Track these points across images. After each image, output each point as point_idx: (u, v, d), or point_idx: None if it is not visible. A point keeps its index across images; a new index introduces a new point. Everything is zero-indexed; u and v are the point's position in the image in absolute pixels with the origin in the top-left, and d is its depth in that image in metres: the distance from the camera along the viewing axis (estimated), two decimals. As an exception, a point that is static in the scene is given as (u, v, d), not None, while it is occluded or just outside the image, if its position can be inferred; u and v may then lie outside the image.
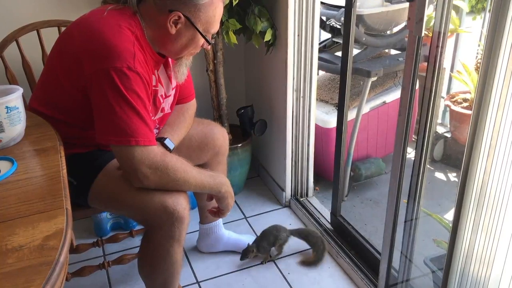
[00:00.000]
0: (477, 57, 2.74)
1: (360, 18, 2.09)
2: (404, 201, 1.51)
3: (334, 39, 2.42)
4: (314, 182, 2.29)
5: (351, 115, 2.20)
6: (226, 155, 1.76)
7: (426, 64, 1.31)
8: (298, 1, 1.89)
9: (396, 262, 1.61)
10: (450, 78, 2.98)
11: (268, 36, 1.96)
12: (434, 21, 1.25)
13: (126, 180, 1.31)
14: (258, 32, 1.95)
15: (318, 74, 2.41)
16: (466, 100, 2.54)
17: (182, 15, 1.26)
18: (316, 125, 2.18)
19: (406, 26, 2.25)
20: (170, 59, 1.44)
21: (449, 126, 2.70)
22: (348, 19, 1.69)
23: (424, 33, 1.26)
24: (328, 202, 2.13)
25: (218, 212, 1.53)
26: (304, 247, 1.98)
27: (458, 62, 2.91)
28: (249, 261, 1.90)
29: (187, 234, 2.00)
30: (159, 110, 1.45)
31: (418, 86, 1.58)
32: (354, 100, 2.28)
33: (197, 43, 1.34)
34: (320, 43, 2.43)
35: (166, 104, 1.48)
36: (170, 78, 1.46)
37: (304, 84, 2.05)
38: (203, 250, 1.99)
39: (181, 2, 1.25)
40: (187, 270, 1.89)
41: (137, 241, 1.47)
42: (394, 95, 2.39)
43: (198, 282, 1.84)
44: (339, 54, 2.15)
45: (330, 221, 2.06)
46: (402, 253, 1.58)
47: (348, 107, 1.84)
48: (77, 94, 1.28)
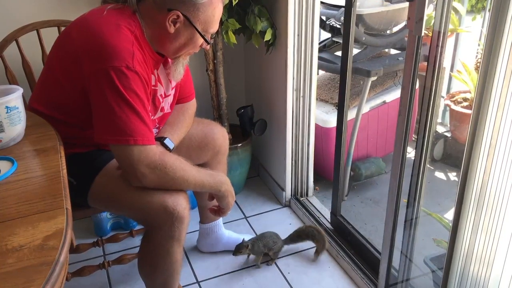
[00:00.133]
0: (477, 56, 2.74)
1: (360, 17, 2.09)
2: (404, 200, 1.51)
3: (334, 39, 2.42)
4: (314, 181, 2.29)
5: (351, 115, 2.20)
6: (226, 155, 1.76)
7: (426, 63, 1.31)
8: (298, 0, 1.89)
9: (396, 261, 1.61)
10: (450, 78, 2.98)
11: (268, 35, 1.96)
12: (434, 20, 1.25)
13: (126, 180, 1.31)
14: (258, 31, 1.95)
15: (318, 74, 2.41)
16: (466, 99, 2.54)
17: (181, 14, 1.26)
18: (316, 124, 2.18)
19: (406, 25, 2.25)
20: (170, 59, 1.44)
21: (449, 125, 2.70)
22: (348, 19, 1.69)
23: (424, 32, 1.26)
24: (328, 202, 2.13)
25: (219, 211, 1.53)
26: (303, 247, 1.98)
27: (458, 62, 2.91)
28: (244, 260, 1.90)
29: (187, 233, 2.00)
30: (159, 110, 1.45)
31: (418, 86, 1.58)
32: (354, 99, 2.28)
33: (195, 43, 1.34)
34: (320, 43, 2.43)
35: (166, 103, 1.48)
36: (169, 78, 1.46)
37: (304, 83, 2.04)
38: (203, 250, 1.99)
39: (180, 1, 1.25)
40: (187, 269, 1.90)
41: (137, 241, 1.47)
42: (394, 95, 2.39)
43: (198, 282, 1.84)
44: (339, 53, 2.15)
45: (330, 220, 2.06)
46: (402, 252, 1.58)
47: (348, 107, 1.84)
48: (76, 94, 1.28)
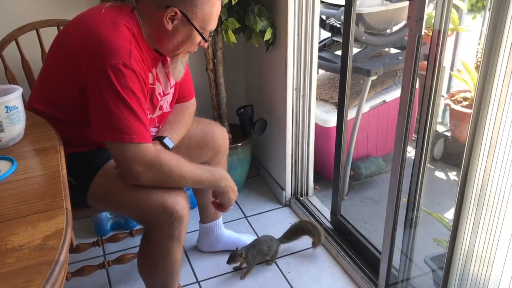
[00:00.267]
0: (477, 55, 2.73)
1: (360, 17, 2.09)
2: (404, 200, 1.51)
3: (334, 38, 2.42)
4: (314, 181, 2.29)
5: (351, 114, 2.20)
6: (226, 155, 1.76)
7: (426, 63, 1.30)
8: (298, 0, 1.89)
9: (396, 261, 1.61)
10: (450, 77, 2.98)
11: (267, 35, 1.96)
12: (434, 19, 1.25)
13: (125, 179, 1.31)
14: (257, 31, 1.95)
15: (318, 73, 2.41)
16: (466, 99, 2.54)
17: (178, 11, 1.26)
18: (316, 124, 2.18)
19: (406, 25, 2.25)
20: (168, 57, 1.44)
21: (449, 125, 2.70)
22: (348, 18, 1.69)
23: (424, 32, 1.26)
24: (328, 201, 2.13)
25: (221, 205, 1.52)
26: (303, 247, 1.98)
27: (458, 61, 2.91)
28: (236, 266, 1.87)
29: (187, 233, 2.00)
30: (157, 108, 1.45)
31: (418, 85, 1.57)
32: (354, 99, 2.28)
33: (193, 40, 1.34)
34: (320, 42, 2.43)
35: (165, 102, 1.48)
36: (168, 76, 1.46)
37: (304, 83, 2.04)
38: (203, 250, 1.99)
39: None
40: (187, 269, 1.89)
41: (137, 240, 1.47)
42: (394, 94, 2.39)
43: (198, 281, 1.84)
44: (339, 53, 2.16)
45: (330, 220, 2.06)
46: (402, 252, 1.58)
47: (348, 106, 1.84)
48: (75, 92, 1.28)
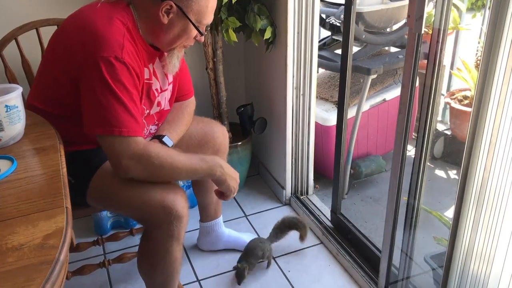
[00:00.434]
0: (477, 54, 2.73)
1: (359, 15, 2.09)
2: (404, 198, 1.51)
3: (333, 37, 2.42)
4: (314, 180, 2.29)
5: (351, 113, 2.20)
6: (226, 154, 1.76)
7: (426, 61, 1.30)
8: (298, -2, 1.89)
9: (396, 259, 1.61)
10: (450, 76, 2.98)
11: (267, 34, 1.96)
12: (434, 18, 1.25)
13: (123, 178, 1.31)
14: (257, 30, 1.95)
15: (318, 72, 2.41)
16: (466, 97, 2.54)
17: (174, 4, 1.27)
18: (316, 123, 2.18)
19: (406, 23, 2.25)
20: (164, 52, 1.44)
21: (449, 123, 2.70)
22: (347, 17, 1.69)
23: (424, 30, 1.26)
24: (328, 200, 2.13)
25: (223, 194, 1.49)
26: (302, 246, 1.99)
27: (458, 60, 2.91)
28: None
29: (188, 232, 2.01)
30: (155, 104, 1.44)
31: (418, 84, 1.57)
32: (354, 98, 2.28)
33: (189, 34, 1.34)
34: (320, 41, 2.43)
35: (162, 98, 1.48)
36: (166, 73, 1.47)
37: (304, 82, 2.04)
38: (204, 248, 1.99)
39: None
40: (188, 268, 1.90)
41: (137, 239, 1.47)
42: (394, 93, 2.39)
43: (198, 280, 1.85)
44: (339, 51, 2.15)
45: (330, 219, 2.06)
46: (402, 250, 1.58)
47: (348, 105, 1.84)
48: (68, 85, 1.28)
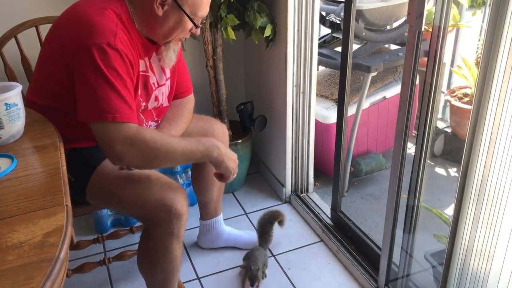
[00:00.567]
0: (477, 51, 2.73)
1: (360, 13, 2.08)
2: (404, 196, 1.51)
3: (334, 34, 2.42)
4: (314, 177, 2.29)
5: (351, 111, 2.20)
6: (226, 151, 1.76)
7: (426, 59, 1.30)
8: (298, -4, 1.89)
9: (396, 257, 1.61)
10: (451, 73, 2.97)
11: (267, 31, 1.96)
12: (434, 16, 1.25)
13: (123, 177, 1.30)
14: (257, 27, 1.95)
15: (318, 70, 2.41)
16: (466, 95, 2.53)
17: None
18: (316, 120, 2.18)
19: (406, 21, 2.25)
20: (160, 44, 1.43)
21: (449, 121, 2.70)
22: (348, 14, 1.68)
23: (424, 28, 1.26)
24: (328, 198, 2.14)
25: (222, 176, 1.46)
26: (302, 244, 1.99)
27: (458, 57, 2.90)
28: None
29: (188, 230, 2.01)
30: (152, 98, 1.44)
31: (418, 81, 1.57)
32: (354, 95, 2.28)
33: (184, 26, 1.34)
34: (320, 38, 2.42)
35: (160, 93, 1.48)
36: (163, 68, 1.46)
37: (304, 79, 2.04)
38: (204, 246, 1.99)
39: None
40: (188, 266, 1.90)
41: (137, 237, 1.47)
42: (394, 90, 2.39)
43: (198, 278, 1.85)
44: (339, 49, 2.15)
45: (330, 216, 2.06)
46: (402, 248, 1.58)
47: (348, 103, 1.84)
48: (66, 80, 1.27)
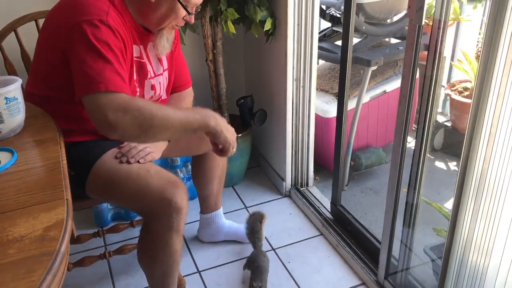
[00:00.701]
0: (477, 45, 2.72)
1: (360, 6, 2.08)
2: (404, 190, 1.51)
3: (334, 28, 2.41)
4: (314, 171, 2.29)
5: (351, 105, 2.19)
6: (226, 146, 1.76)
7: (426, 53, 1.30)
8: (298, -11, 1.88)
9: (396, 251, 1.62)
10: (451, 67, 2.97)
11: (267, 25, 1.95)
12: (434, 9, 1.24)
13: (123, 171, 1.31)
14: (257, 21, 1.94)
15: (318, 64, 2.40)
16: (466, 89, 2.53)
17: None
18: (316, 114, 2.18)
19: (406, 14, 2.24)
20: (153, 32, 1.43)
21: (449, 115, 2.70)
22: (348, 8, 1.68)
23: (424, 21, 1.25)
24: (328, 192, 2.14)
25: (222, 150, 1.42)
26: (302, 237, 2.00)
27: (458, 51, 2.90)
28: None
29: (188, 223, 2.02)
30: (148, 86, 1.45)
31: (418, 75, 1.57)
32: (354, 89, 2.27)
33: (177, 13, 1.34)
34: (320, 32, 2.42)
35: (157, 83, 1.48)
36: (160, 58, 1.47)
37: (304, 73, 2.04)
38: (204, 240, 2.00)
39: None
40: (188, 259, 1.91)
41: (137, 231, 1.47)
42: (395, 84, 2.39)
43: (199, 271, 1.85)
44: (339, 43, 2.14)
45: (330, 210, 2.07)
46: (402, 242, 1.59)
47: (348, 97, 1.84)
48: (61, 63, 1.27)
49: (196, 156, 1.77)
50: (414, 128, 2.04)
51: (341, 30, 2.13)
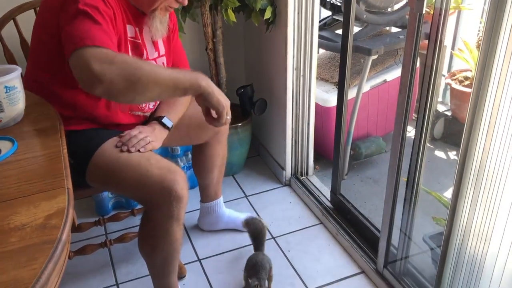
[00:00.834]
0: (478, 34, 2.71)
1: (360, -5, 2.07)
2: (403, 179, 1.52)
3: (334, 17, 2.40)
4: (314, 161, 2.29)
5: (351, 94, 2.19)
6: (226, 135, 1.76)
7: (427, 42, 1.30)
8: (298, -22, 1.87)
9: (395, 239, 1.63)
10: (451, 56, 2.95)
11: (267, 13, 1.94)
12: (435, -2, 1.24)
13: (123, 159, 1.31)
14: (257, 9, 1.93)
15: (318, 53, 2.39)
16: (467, 78, 2.52)
17: None
18: (316, 104, 2.17)
19: (407, 3, 2.23)
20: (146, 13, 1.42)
21: (449, 104, 2.69)
22: (348, -4, 1.67)
23: (425, 10, 1.25)
24: (328, 181, 2.14)
25: (216, 118, 1.36)
26: (302, 226, 2.00)
27: (459, 40, 2.88)
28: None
29: (188, 212, 2.03)
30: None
31: (419, 64, 1.57)
32: (354, 78, 2.27)
33: None
34: (320, 21, 2.41)
35: None
36: (155, 43, 1.46)
37: (304, 62, 2.03)
38: (204, 228, 2.01)
39: None
40: (189, 247, 1.92)
41: (138, 219, 1.48)
42: (395, 74, 2.38)
43: (199, 259, 1.87)
44: (340, 32, 2.13)
45: (330, 199, 2.07)
46: (401, 230, 1.59)
47: (348, 86, 1.83)
48: (57, 42, 1.25)
49: (196, 145, 1.77)
50: (414, 117, 2.04)
51: (341, 19, 2.12)
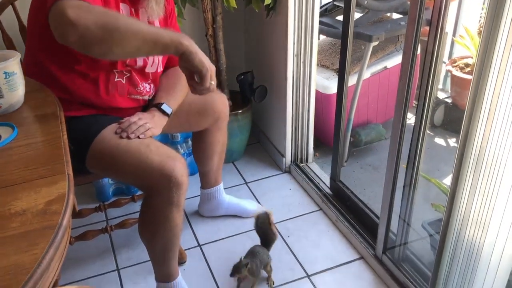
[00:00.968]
0: (480, 21, 2.69)
1: (362, -19, 2.05)
2: (403, 166, 1.52)
3: (335, 3, 2.38)
4: (314, 147, 2.30)
5: (352, 81, 2.18)
6: (226, 122, 1.76)
7: (428, 28, 1.29)
8: (299, -37, 1.85)
9: (394, 226, 1.63)
10: (452, 43, 2.94)
11: (268, -1, 1.93)
12: (437, -17, 1.23)
13: (123, 146, 1.31)
14: (258, -5, 1.92)
15: (318, 39, 2.38)
16: (468, 65, 2.52)
17: None
18: (316, 90, 2.17)
19: (409, -11, 2.21)
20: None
21: (450, 91, 2.69)
22: (349, -18, 1.66)
23: (426, -4, 1.24)
24: (328, 168, 2.15)
25: (200, 83, 1.25)
26: (302, 212, 2.01)
27: (460, 26, 2.87)
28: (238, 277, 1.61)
29: (189, 198, 2.04)
30: None
31: (419, 51, 1.56)
32: (355, 65, 2.26)
33: None
34: (321, 7, 2.39)
35: None
36: (152, 24, 1.44)
37: (304, 49, 2.02)
38: (205, 214, 2.02)
39: None
40: (189, 233, 1.93)
41: (139, 206, 1.48)
42: (396, 60, 2.37)
43: (199, 245, 1.88)
44: (340, 18, 2.12)
45: (329, 186, 2.08)
46: (400, 217, 1.60)
47: (348, 73, 1.83)
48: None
49: (196, 132, 1.77)
50: (414, 104, 2.04)
51: (342, 5, 2.11)
